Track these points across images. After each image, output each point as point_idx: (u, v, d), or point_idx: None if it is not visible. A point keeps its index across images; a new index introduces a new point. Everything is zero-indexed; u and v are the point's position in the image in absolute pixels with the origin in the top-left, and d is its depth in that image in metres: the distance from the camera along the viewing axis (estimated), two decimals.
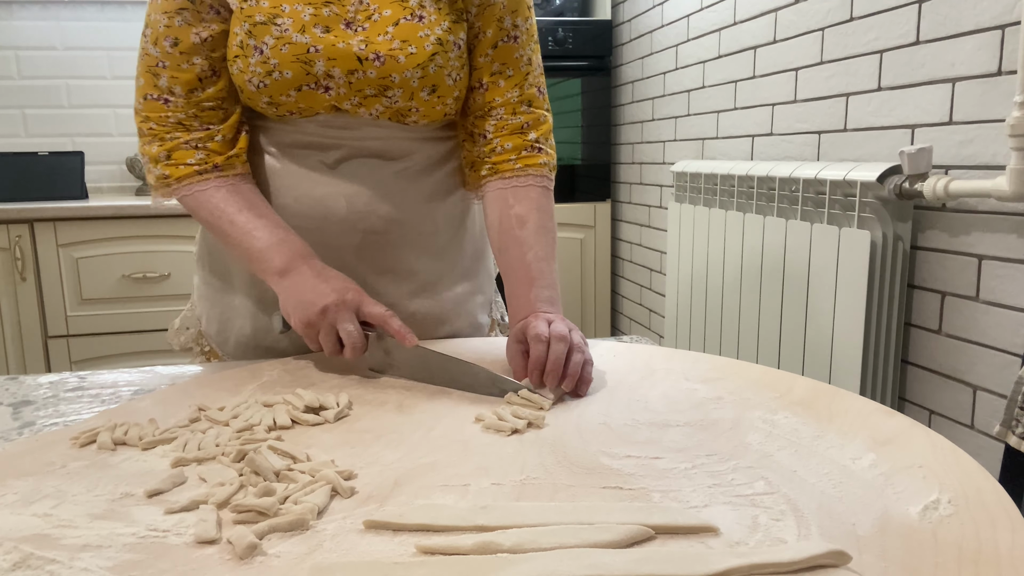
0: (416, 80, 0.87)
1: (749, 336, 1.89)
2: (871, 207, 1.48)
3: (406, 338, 0.78)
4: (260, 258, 0.84)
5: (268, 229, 0.85)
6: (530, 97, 0.95)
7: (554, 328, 0.78)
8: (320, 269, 0.83)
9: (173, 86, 0.87)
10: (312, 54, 0.85)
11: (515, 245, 0.89)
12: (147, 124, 0.88)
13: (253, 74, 0.85)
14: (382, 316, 0.80)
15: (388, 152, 0.92)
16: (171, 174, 0.88)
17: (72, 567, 0.43)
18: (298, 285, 0.81)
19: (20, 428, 0.71)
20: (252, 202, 0.88)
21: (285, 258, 0.84)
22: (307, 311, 0.79)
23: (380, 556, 0.45)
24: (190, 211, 0.90)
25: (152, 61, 0.87)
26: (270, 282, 0.85)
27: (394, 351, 0.80)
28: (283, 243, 0.85)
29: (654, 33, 2.59)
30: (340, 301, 0.79)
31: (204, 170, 0.88)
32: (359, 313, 0.80)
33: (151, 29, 0.87)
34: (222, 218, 0.86)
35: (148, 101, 0.88)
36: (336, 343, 0.79)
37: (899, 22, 1.49)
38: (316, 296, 0.79)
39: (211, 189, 0.88)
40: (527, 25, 0.95)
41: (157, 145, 0.88)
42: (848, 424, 0.64)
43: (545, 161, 0.94)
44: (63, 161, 2.66)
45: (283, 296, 0.82)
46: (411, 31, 0.86)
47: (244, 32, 0.85)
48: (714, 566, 0.42)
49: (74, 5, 2.74)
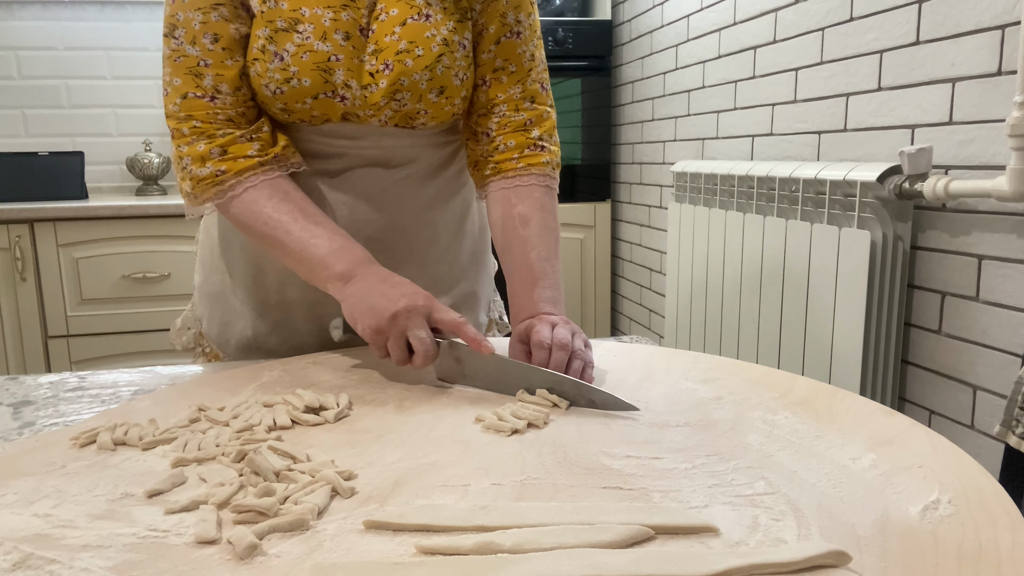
0: (424, 82, 0.87)
1: (749, 336, 1.89)
2: (871, 207, 1.48)
3: (482, 346, 0.74)
4: (322, 265, 0.81)
5: (327, 236, 0.82)
6: (533, 93, 0.95)
7: (557, 334, 0.77)
8: (386, 275, 0.80)
9: (219, 84, 0.84)
10: (333, 63, 0.84)
11: (518, 245, 0.89)
12: (189, 123, 0.84)
13: (271, 79, 0.84)
14: (455, 323, 0.76)
15: (391, 160, 0.92)
16: (228, 168, 0.84)
17: (72, 567, 0.43)
18: (365, 291, 0.78)
19: (20, 428, 0.71)
20: (306, 210, 0.84)
21: (347, 264, 0.80)
22: (376, 317, 0.75)
23: (380, 556, 0.45)
24: (235, 221, 0.86)
25: (192, 61, 0.84)
26: (331, 290, 0.81)
27: (466, 360, 0.76)
28: (344, 249, 0.82)
29: (654, 33, 2.59)
30: (412, 307, 0.75)
31: (265, 160, 0.85)
32: (430, 319, 0.76)
33: (183, 29, 0.84)
34: (278, 227, 0.82)
35: (190, 100, 0.84)
36: (405, 351, 0.75)
37: (899, 22, 1.49)
38: (386, 302, 0.75)
39: (262, 196, 0.83)
40: (530, 21, 0.94)
41: (205, 142, 0.84)
42: (848, 424, 0.64)
43: (548, 159, 0.94)
44: (63, 161, 2.66)
45: (348, 302, 0.78)
46: (418, 31, 0.86)
47: (265, 37, 0.84)
48: (714, 566, 0.42)
49: (74, 5, 2.74)
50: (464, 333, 0.75)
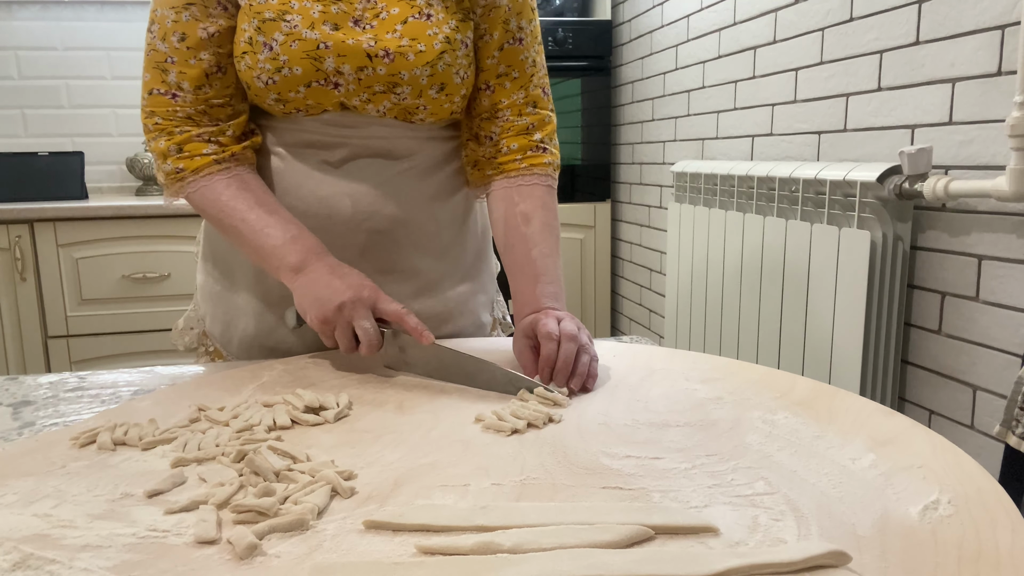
0: (425, 78, 0.87)
1: (749, 336, 1.89)
2: (871, 207, 1.48)
3: (423, 335, 0.78)
4: (274, 255, 0.84)
5: (281, 226, 0.85)
6: (535, 98, 0.96)
7: (564, 326, 0.79)
8: (335, 266, 0.83)
9: (181, 81, 0.86)
10: (322, 50, 0.85)
11: (520, 242, 0.90)
12: (152, 119, 0.87)
13: (262, 71, 0.85)
14: (398, 313, 0.79)
15: (393, 151, 0.93)
16: (186, 167, 0.86)
17: (72, 567, 0.43)
18: (314, 282, 0.81)
19: (20, 428, 0.71)
20: (262, 199, 0.87)
21: (299, 255, 0.83)
22: (323, 308, 0.78)
23: (380, 556, 0.45)
24: (198, 209, 0.89)
25: (160, 57, 0.86)
26: (284, 279, 0.84)
27: (409, 348, 0.80)
28: (296, 240, 0.84)
29: (654, 33, 2.59)
30: (356, 298, 0.78)
31: (221, 159, 0.87)
32: (375, 310, 0.80)
33: (158, 25, 0.86)
34: (233, 215, 0.85)
35: (155, 96, 0.87)
36: (352, 340, 0.79)
37: (899, 22, 1.49)
38: (332, 293, 0.79)
39: (220, 185, 0.86)
40: (531, 27, 0.95)
41: (165, 139, 0.86)
42: (848, 424, 0.64)
43: (550, 161, 0.96)
44: (63, 161, 2.66)
45: (298, 293, 0.82)
46: (419, 29, 0.87)
47: (253, 28, 0.85)
48: (714, 566, 0.42)
49: (74, 5, 2.74)
50: (406, 323, 0.79)
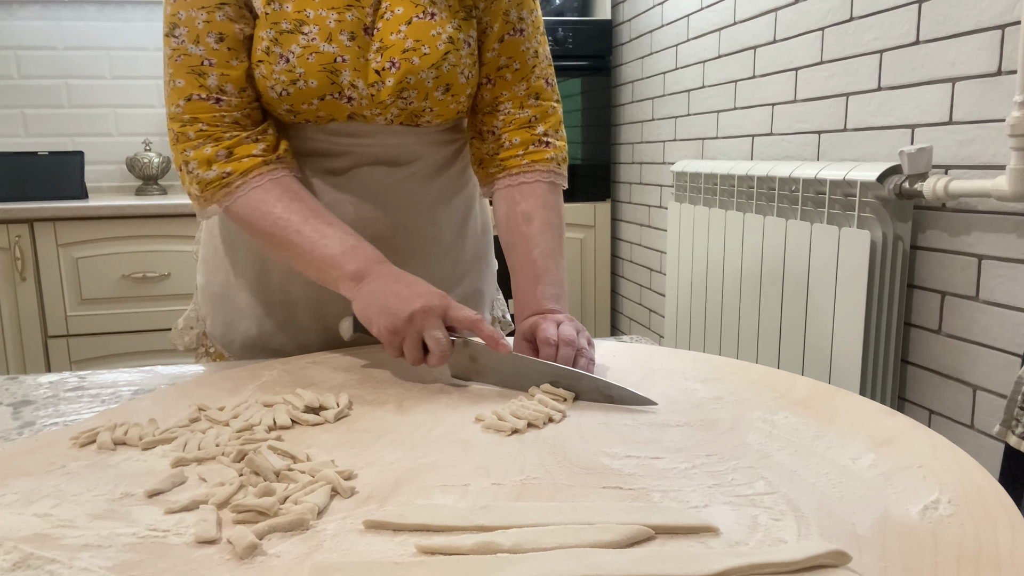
0: (431, 80, 0.87)
1: (749, 336, 1.89)
2: (871, 207, 1.48)
3: (499, 344, 0.74)
4: (333, 265, 0.81)
5: (338, 236, 0.82)
6: (538, 90, 0.95)
7: (563, 331, 0.78)
8: (399, 274, 0.80)
9: (224, 84, 0.84)
10: (339, 64, 0.84)
11: (522, 242, 0.90)
12: (194, 127, 0.83)
13: (276, 81, 0.84)
14: (472, 321, 0.75)
15: (396, 158, 0.92)
16: (234, 169, 0.83)
17: (72, 567, 0.43)
18: (378, 291, 0.78)
19: (20, 428, 0.71)
20: (316, 209, 0.84)
21: (360, 263, 0.80)
22: (393, 318, 0.74)
23: (380, 556, 0.45)
24: (242, 220, 0.85)
25: (195, 60, 0.83)
26: (343, 289, 0.81)
27: (480, 357, 0.76)
28: (355, 249, 0.81)
29: (654, 33, 2.59)
30: (428, 307, 0.75)
31: (269, 159, 0.85)
32: (446, 318, 0.76)
33: (186, 28, 0.83)
34: (288, 227, 0.82)
35: (194, 102, 0.83)
36: (421, 351, 0.75)
37: (899, 22, 1.49)
38: (402, 303, 0.75)
39: (272, 196, 0.83)
40: (532, 17, 0.94)
41: (212, 145, 0.83)
42: (848, 424, 0.64)
43: (553, 155, 0.95)
44: (63, 161, 2.66)
45: (362, 302, 0.78)
46: (423, 30, 0.86)
47: (270, 39, 0.84)
48: (714, 566, 0.42)
49: (74, 5, 2.74)
50: (480, 331, 0.75)
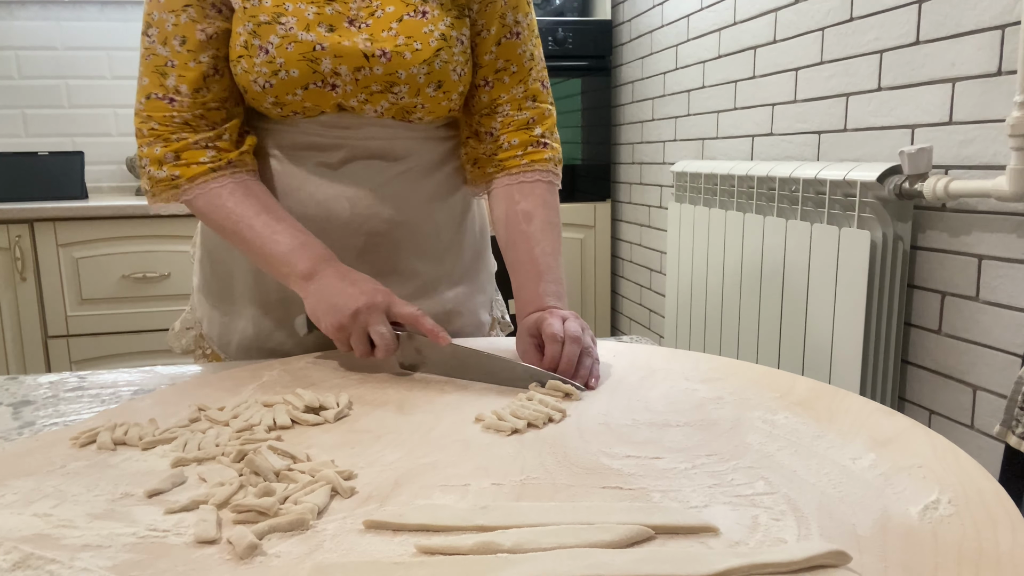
0: (422, 76, 0.87)
1: (749, 336, 1.89)
2: (871, 207, 1.48)
3: (439, 337, 0.78)
4: (283, 262, 0.83)
5: (289, 233, 0.84)
6: (534, 92, 0.96)
7: (568, 327, 0.79)
8: (345, 272, 0.82)
9: (179, 85, 0.86)
10: (318, 52, 0.85)
11: (522, 240, 0.91)
12: (148, 124, 0.86)
13: (259, 74, 0.85)
14: (413, 316, 0.79)
15: (390, 153, 0.93)
16: (182, 174, 0.86)
17: (72, 567, 0.43)
18: (325, 289, 0.80)
19: (20, 428, 0.71)
20: (268, 205, 0.86)
21: (309, 262, 0.82)
22: (338, 315, 0.78)
23: (380, 556, 0.45)
24: (199, 214, 0.88)
25: (161, 60, 0.86)
26: (294, 286, 0.83)
27: (426, 349, 0.80)
28: (305, 246, 0.84)
29: (654, 33, 2.59)
30: (371, 304, 0.78)
31: (218, 167, 0.86)
32: (389, 314, 0.79)
33: (157, 28, 0.85)
34: (240, 223, 0.85)
35: (151, 100, 0.86)
36: (368, 345, 0.79)
37: (899, 22, 1.49)
38: (346, 300, 0.78)
39: (224, 191, 0.86)
40: (528, 20, 0.95)
41: (161, 146, 0.86)
42: (848, 424, 0.64)
43: (550, 156, 0.96)
44: (63, 161, 2.66)
45: (311, 300, 0.81)
46: (415, 27, 0.87)
47: (248, 32, 0.85)
48: (714, 566, 0.42)
49: (74, 5, 2.74)
50: (422, 326, 0.79)
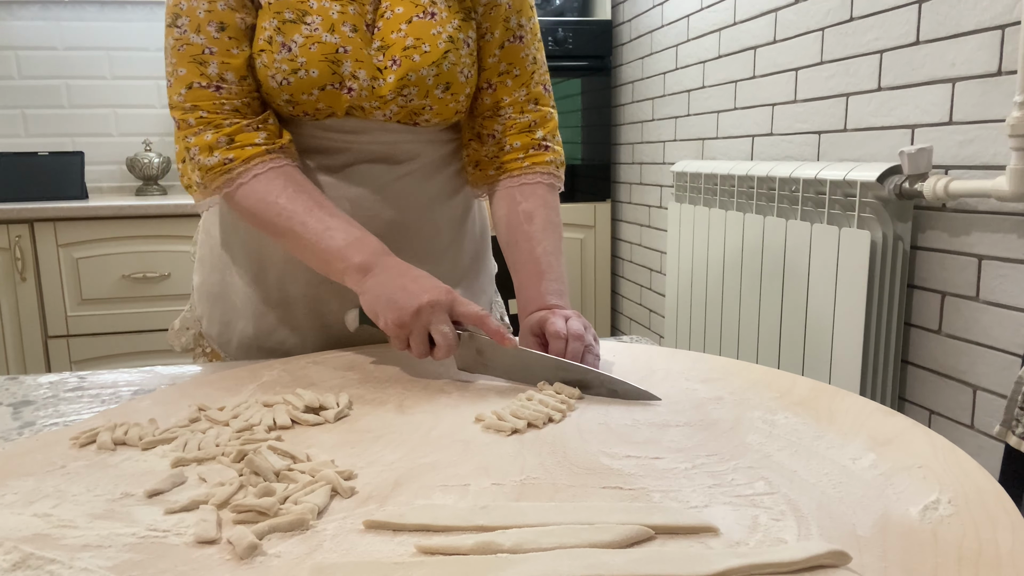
0: (431, 78, 0.88)
1: (749, 336, 1.89)
2: (871, 207, 1.48)
3: (505, 339, 0.75)
4: (339, 257, 0.81)
5: (343, 228, 0.82)
6: (536, 95, 0.97)
7: (571, 325, 0.79)
8: (405, 268, 0.80)
9: (225, 72, 0.84)
10: (341, 55, 0.85)
11: (524, 240, 0.91)
12: (195, 114, 0.84)
13: (278, 70, 0.85)
14: (478, 316, 0.76)
15: (393, 156, 0.93)
16: (236, 156, 0.83)
17: (72, 567, 0.43)
18: (385, 284, 0.78)
19: (20, 428, 0.71)
20: (320, 201, 0.84)
21: (365, 255, 0.80)
22: (400, 312, 0.75)
23: (380, 556, 0.45)
24: (245, 208, 0.85)
25: (196, 49, 0.84)
26: (349, 281, 0.81)
27: (487, 351, 0.77)
28: (361, 241, 0.82)
29: (654, 33, 2.59)
30: (435, 302, 0.75)
31: (272, 148, 0.85)
32: (452, 313, 0.77)
33: (188, 18, 0.84)
34: (292, 218, 0.82)
35: (195, 90, 0.84)
36: (427, 345, 0.76)
37: (899, 22, 1.49)
38: (408, 297, 0.76)
39: (277, 186, 0.83)
40: (531, 24, 0.96)
41: (212, 132, 0.84)
42: (848, 424, 0.64)
43: (552, 159, 0.96)
44: (63, 161, 2.66)
45: (369, 296, 0.78)
46: (424, 29, 0.87)
47: (273, 28, 0.84)
48: (714, 566, 0.42)
49: (74, 5, 2.74)
50: (487, 326, 0.76)
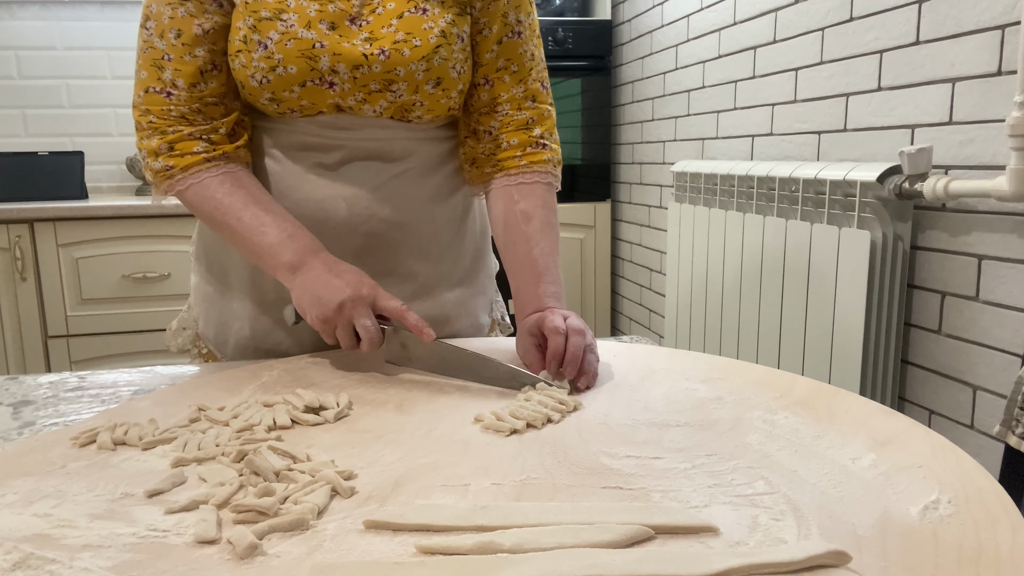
0: (421, 73, 0.87)
1: (749, 336, 1.89)
2: (871, 207, 1.48)
3: (423, 332, 0.78)
4: (270, 253, 0.83)
5: (277, 224, 0.84)
6: (534, 92, 0.96)
7: (570, 322, 0.80)
8: (332, 263, 0.82)
9: (176, 79, 0.86)
10: (318, 50, 0.85)
11: (521, 241, 0.91)
12: (147, 118, 0.86)
13: (256, 69, 0.85)
14: (398, 310, 0.79)
15: (389, 153, 0.92)
16: (175, 164, 0.86)
17: (72, 567, 0.43)
18: (311, 281, 0.80)
19: (20, 428, 0.71)
20: (257, 197, 0.86)
21: (296, 253, 0.83)
22: (323, 308, 0.78)
23: (380, 556, 0.45)
24: (191, 207, 0.88)
25: (158, 54, 0.86)
26: (281, 278, 0.84)
27: (411, 345, 0.80)
28: (292, 238, 0.84)
29: (654, 33, 2.59)
30: (356, 296, 0.78)
31: (211, 157, 0.86)
32: (375, 307, 0.79)
33: (155, 22, 0.86)
34: (228, 214, 0.85)
35: (149, 94, 0.86)
36: (353, 338, 0.79)
37: (899, 22, 1.49)
38: (332, 292, 0.78)
39: (214, 182, 0.86)
40: (530, 20, 0.95)
41: (158, 138, 0.86)
42: (848, 424, 0.64)
43: (549, 157, 0.96)
44: (63, 161, 2.66)
45: (297, 292, 0.81)
46: (415, 24, 0.87)
47: (248, 27, 0.84)
48: (714, 566, 0.42)
49: (74, 5, 2.74)
50: (406, 320, 0.79)
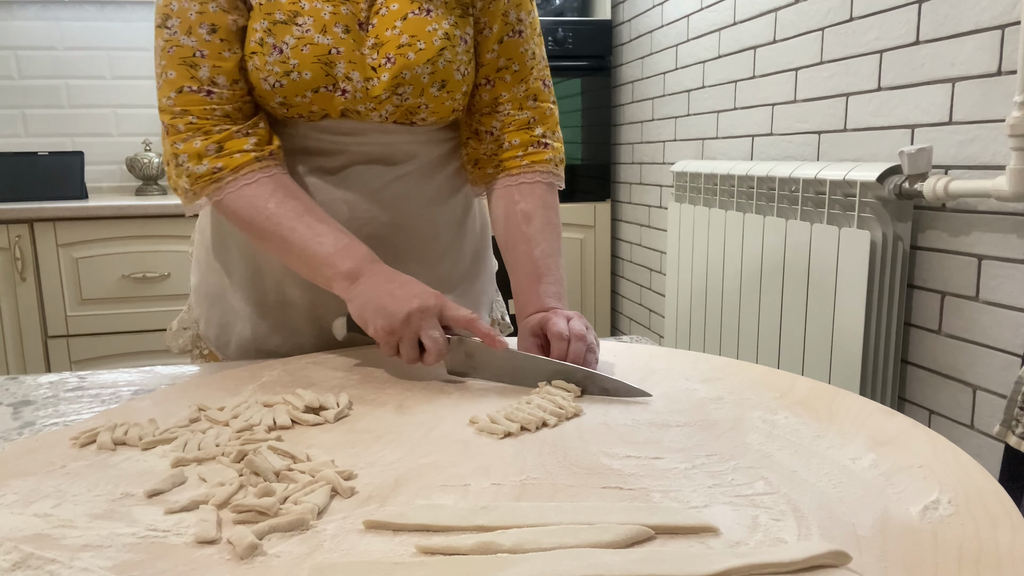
0: (426, 76, 0.87)
1: (749, 336, 1.89)
2: (871, 207, 1.48)
3: (495, 341, 0.76)
4: (327, 263, 0.80)
5: (332, 235, 0.82)
6: (536, 91, 0.96)
7: (573, 326, 0.79)
8: (393, 274, 0.80)
9: (216, 76, 0.83)
10: (334, 56, 0.84)
11: (522, 241, 0.90)
12: (184, 119, 0.83)
13: (270, 72, 0.84)
14: (468, 320, 0.77)
15: (390, 157, 0.92)
16: (225, 165, 0.82)
17: (72, 567, 0.43)
18: (374, 291, 0.78)
19: (20, 428, 0.71)
20: (310, 207, 0.84)
21: (353, 262, 0.80)
22: (390, 319, 0.75)
23: (380, 556, 0.45)
24: (233, 214, 0.84)
25: (187, 52, 0.82)
26: (337, 288, 0.81)
27: (477, 354, 0.78)
28: (349, 248, 0.81)
29: (654, 33, 2.59)
30: (424, 307, 0.75)
31: (261, 156, 0.84)
32: (442, 318, 0.77)
33: (178, 19, 0.82)
34: (281, 224, 0.82)
35: (184, 94, 0.82)
36: (417, 350, 0.76)
37: (899, 22, 1.49)
38: (397, 303, 0.76)
39: (265, 191, 0.82)
40: (530, 19, 0.95)
41: (201, 139, 0.82)
42: (848, 424, 0.64)
43: (551, 157, 0.95)
44: (63, 161, 2.66)
45: (357, 303, 0.78)
46: (419, 25, 0.86)
47: (263, 30, 0.83)
48: (714, 566, 0.42)
49: (74, 5, 2.74)
50: (477, 330, 0.77)
